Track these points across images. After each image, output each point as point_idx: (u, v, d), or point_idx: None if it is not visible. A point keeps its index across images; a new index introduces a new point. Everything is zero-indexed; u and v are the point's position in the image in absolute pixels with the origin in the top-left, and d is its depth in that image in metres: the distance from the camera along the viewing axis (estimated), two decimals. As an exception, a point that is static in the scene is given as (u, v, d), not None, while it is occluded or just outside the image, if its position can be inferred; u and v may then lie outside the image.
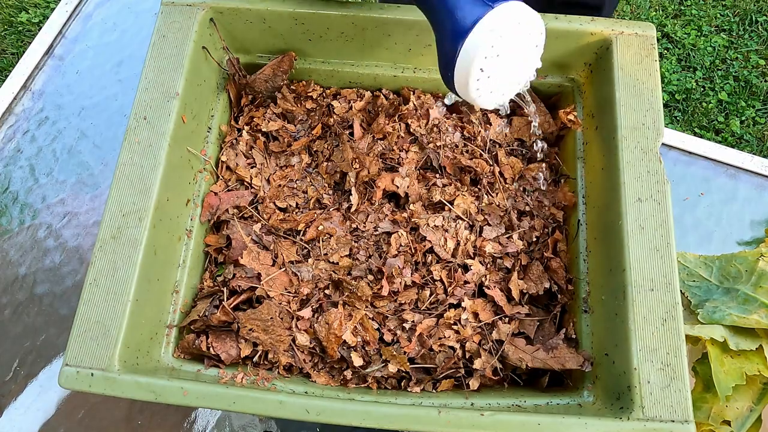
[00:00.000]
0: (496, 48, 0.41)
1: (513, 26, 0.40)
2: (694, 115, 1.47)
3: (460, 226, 0.55)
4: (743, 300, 0.58)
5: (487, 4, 0.40)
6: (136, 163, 0.49)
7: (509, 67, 0.43)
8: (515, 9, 0.40)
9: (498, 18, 0.40)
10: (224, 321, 0.51)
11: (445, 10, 0.42)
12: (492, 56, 0.41)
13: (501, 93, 0.45)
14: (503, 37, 0.40)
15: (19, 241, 0.70)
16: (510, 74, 0.44)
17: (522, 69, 0.45)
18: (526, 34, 0.42)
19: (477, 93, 0.44)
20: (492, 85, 0.44)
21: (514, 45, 0.42)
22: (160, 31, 0.54)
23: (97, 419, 0.62)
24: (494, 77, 0.43)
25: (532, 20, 0.42)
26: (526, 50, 0.43)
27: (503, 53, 0.41)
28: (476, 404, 0.46)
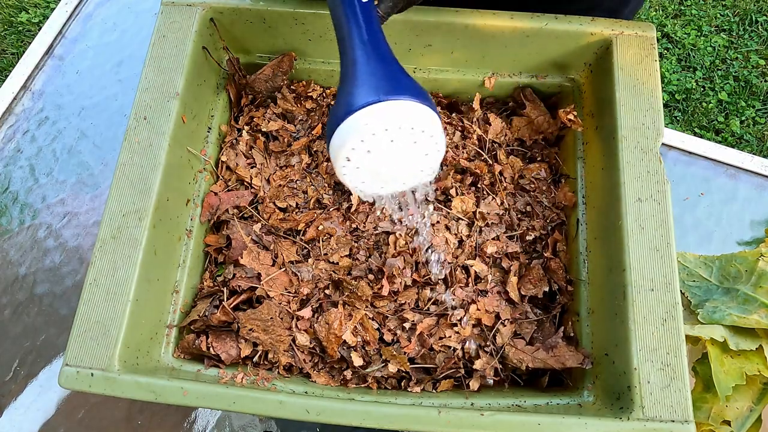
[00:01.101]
0: (367, 144, 0.37)
1: (392, 128, 0.36)
2: (694, 115, 1.47)
3: (461, 227, 0.55)
4: (743, 300, 0.58)
5: (378, 95, 0.36)
6: (136, 163, 0.49)
7: (385, 167, 0.39)
8: (404, 110, 0.36)
9: (377, 114, 0.36)
10: (224, 321, 0.51)
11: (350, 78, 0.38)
12: (362, 150, 0.37)
13: (379, 186, 0.41)
14: (376, 136, 0.36)
15: (19, 241, 0.70)
16: (388, 173, 0.40)
17: (406, 172, 0.40)
18: (410, 140, 0.37)
19: (345, 178, 0.40)
20: (363, 177, 0.40)
21: (391, 147, 0.37)
22: (160, 31, 0.54)
23: (97, 419, 0.62)
24: (364, 171, 0.39)
25: (424, 127, 0.37)
26: (409, 156, 0.38)
27: (375, 151, 0.37)
28: (476, 404, 0.47)
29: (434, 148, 0.39)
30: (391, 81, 0.37)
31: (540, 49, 0.56)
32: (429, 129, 0.37)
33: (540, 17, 0.54)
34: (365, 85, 0.37)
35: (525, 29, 0.54)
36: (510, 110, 0.62)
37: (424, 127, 0.37)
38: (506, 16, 0.54)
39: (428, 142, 0.38)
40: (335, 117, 0.38)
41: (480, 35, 0.55)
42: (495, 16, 0.54)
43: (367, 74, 0.38)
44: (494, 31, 0.55)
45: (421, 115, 0.37)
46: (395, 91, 0.37)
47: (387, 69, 0.38)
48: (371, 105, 0.36)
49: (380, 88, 0.37)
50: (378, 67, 0.38)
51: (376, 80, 0.37)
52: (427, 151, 0.39)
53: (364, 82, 0.37)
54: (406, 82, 0.38)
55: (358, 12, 0.39)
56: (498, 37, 0.56)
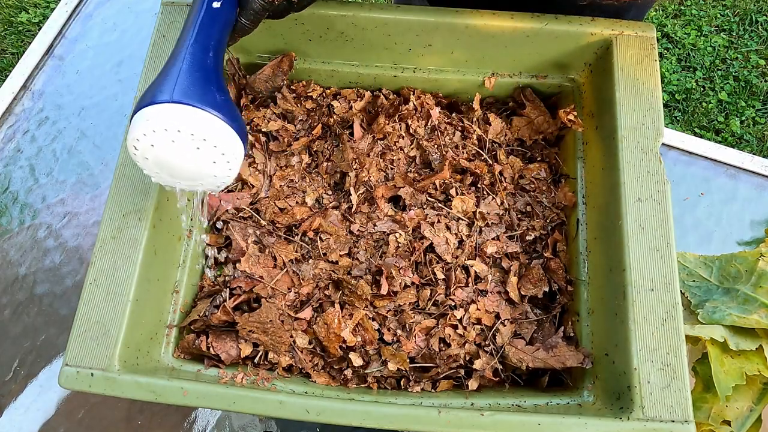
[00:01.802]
0: (149, 138, 0.38)
1: (171, 129, 0.38)
2: (694, 115, 1.47)
3: (461, 227, 0.55)
4: (743, 300, 0.58)
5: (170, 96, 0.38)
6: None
7: (172, 164, 0.40)
8: (185, 116, 0.38)
9: (158, 113, 0.38)
10: (224, 321, 0.51)
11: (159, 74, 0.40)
12: (145, 143, 0.39)
13: (173, 180, 0.43)
14: (156, 133, 0.38)
15: (19, 241, 0.70)
16: (177, 170, 0.41)
17: (197, 174, 0.41)
18: (192, 146, 0.39)
19: (139, 164, 0.41)
20: (155, 168, 0.41)
21: (173, 147, 0.39)
22: (160, 31, 0.54)
23: (97, 419, 0.62)
24: (153, 162, 0.40)
25: (207, 137, 0.39)
26: (195, 160, 0.40)
27: (158, 147, 0.39)
28: (476, 404, 0.47)
29: (222, 158, 0.40)
30: (192, 86, 0.39)
31: (540, 49, 0.56)
32: (213, 139, 0.39)
33: (540, 17, 0.54)
34: (165, 83, 0.39)
35: (525, 29, 0.54)
36: (510, 110, 0.62)
37: (206, 136, 0.39)
38: (506, 16, 0.54)
39: (212, 152, 0.40)
40: (136, 106, 0.40)
41: (480, 35, 0.55)
42: (495, 16, 0.54)
43: (173, 73, 0.39)
44: (494, 31, 0.55)
45: (205, 124, 0.38)
46: (188, 96, 0.38)
47: (196, 75, 0.40)
48: (158, 104, 0.38)
49: (176, 90, 0.38)
50: (187, 71, 0.39)
51: (176, 82, 0.39)
52: (214, 160, 0.40)
53: (166, 79, 0.39)
54: (208, 93, 0.39)
55: (202, 14, 0.41)
56: (498, 37, 0.56)
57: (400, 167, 0.59)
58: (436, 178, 0.56)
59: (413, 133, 0.60)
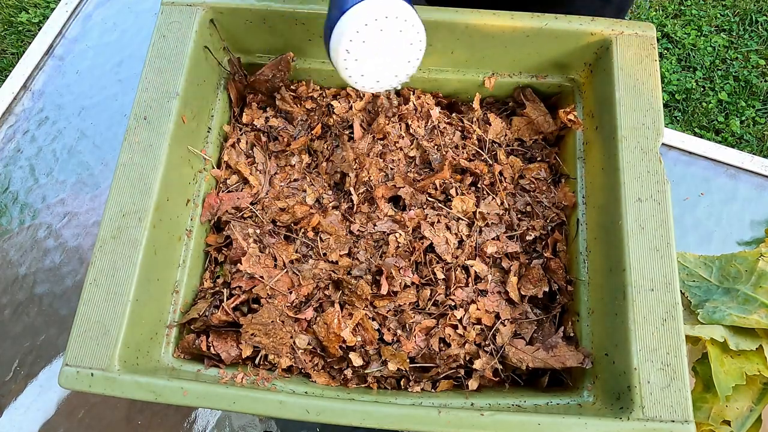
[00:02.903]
0: (362, 34, 0.44)
1: (380, 18, 0.44)
2: (694, 115, 1.47)
3: (461, 227, 0.55)
4: (743, 300, 0.58)
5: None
6: (136, 163, 0.49)
7: (379, 57, 0.46)
8: (386, 3, 0.43)
9: (367, 7, 0.43)
10: (224, 321, 0.51)
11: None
12: (357, 41, 0.44)
13: (375, 80, 0.48)
14: (368, 26, 0.44)
15: (19, 241, 0.70)
16: (381, 64, 0.47)
17: (396, 62, 0.47)
18: (395, 30, 0.45)
19: (347, 72, 0.47)
20: (361, 69, 0.47)
21: (381, 36, 0.45)
22: (160, 31, 0.54)
23: (97, 419, 0.62)
24: (362, 62, 0.46)
25: (404, 17, 0.44)
26: (398, 44, 0.46)
27: (369, 41, 0.45)
28: (476, 404, 0.47)
29: (416, 37, 0.46)
30: None
31: (540, 49, 0.56)
32: (410, 18, 0.45)
33: (540, 17, 0.54)
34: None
35: (525, 29, 0.54)
36: (510, 110, 0.62)
37: (406, 16, 0.44)
38: (506, 16, 0.54)
39: (410, 31, 0.46)
40: (331, 19, 0.45)
41: (480, 35, 0.55)
42: (495, 16, 0.54)
43: None
44: (494, 31, 0.55)
45: (401, 6, 0.44)
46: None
47: None
48: (361, 2, 0.44)
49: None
50: None
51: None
52: (411, 40, 0.46)
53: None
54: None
55: None
56: (498, 37, 0.56)
57: (400, 167, 0.59)
58: (436, 178, 0.56)
59: (413, 133, 0.60)
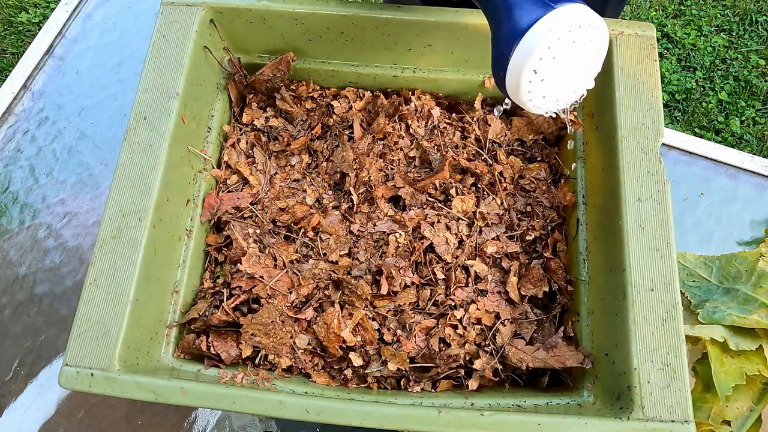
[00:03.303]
0: (553, 50, 0.39)
1: (573, 29, 0.38)
2: (694, 115, 1.47)
3: (461, 227, 0.55)
4: (743, 300, 0.58)
5: (548, 5, 0.38)
6: (136, 163, 0.49)
7: (566, 72, 0.41)
8: (577, 11, 0.38)
9: (558, 19, 0.38)
10: (224, 321, 0.51)
11: (504, 9, 0.40)
12: (548, 58, 0.39)
13: (555, 99, 0.43)
14: (561, 39, 0.38)
15: (19, 241, 0.70)
16: (566, 80, 0.42)
17: (580, 75, 0.42)
18: (587, 39, 0.39)
19: (528, 96, 0.42)
20: (545, 90, 0.41)
21: (572, 49, 0.39)
22: (160, 31, 0.54)
23: (97, 419, 0.62)
24: (548, 81, 0.41)
25: (596, 24, 0.39)
26: (585, 55, 0.41)
27: (560, 56, 0.39)
28: (476, 404, 0.47)
29: (603, 44, 0.41)
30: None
31: (540, 49, 0.56)
32: (597, 22, 0.39)
33: (540, 17, 0.54)
34: (529, 3, 0.39)
35: (525, 29, 0.54)
36: (510, 110, 0.62)
37: (597, 22, 0.39)
38: (506, 16, 0.54)
39: (599, 38, 0.40)
40: (509, 39, 0.39)
41: (480, 35, 0.55)
42: (495, 16, 0.54)
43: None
44: (494, 31, 0.55)
45: (589, 12, 0.39)
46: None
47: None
48: (548, 14, 0.38)
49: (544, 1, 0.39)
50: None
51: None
52: (598, 49, 0.41)
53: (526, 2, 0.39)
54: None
55: None
56: (498, 37, 0.55)
57: (400, 167, 0.59)
58: (436, 178, 0.56)
59: (413, 133, 0.60)
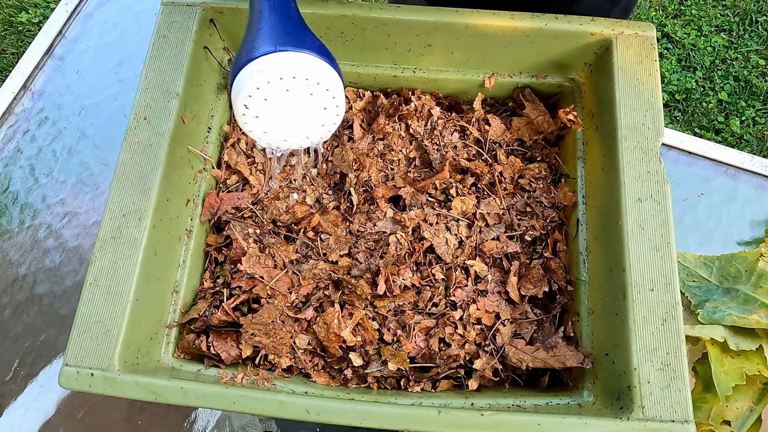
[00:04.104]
0: (263, 92, 0.38)
1: (285, 77, 0.38)
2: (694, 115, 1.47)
3: (461, 227, 0.55)
4: (743, 300, 0.58)
5: (275, 45, 0.38)
6: (136, 163, 0.49)
7: (284, 117, 0.41)
8: (298, 61, 0.38)
9: (271, 62, 0.38)
10: (224, 321, 0.51)
11: (251, 31, 0.40)
12: (258, 98, 0.39)
13: (281, 139, 0.43)
14: (271, 84, 0.38)
15: (19, 241, 0.70)
16: (287, 124, 0.41)
17: (307, 125, 0.42)
18: (306, 92, 0.39)
19: (247, 127, 0.41)
20: (263, 126, 0.41)
21: (287, 97, 0.39)
22: (160, 31, 0.54)
23: (97, 419, 0.62)
24: (264, 120, 0.40)
25: (319, 80, 0.39)
26: (307, 107, 0.40)
27: (272, 100, 0.39)
28: (476, 404, 0.47)
29: (332, 102, 0.41)
30: (290, 35, 0.39)
31: (540, 49, 0.56)
32: (324, 82, 0.39)
33: (540, 17, 0.54)
34: (265, 36, 0.39)
35: (525, 29, 0.54)
36: (510, 110, 0.62)
37: (319, 79, 0.39)
38: (506, 16, 0.54)
39: (325, 96, 0.40)
40: (236, 66, 0.39)
41: (480, 35, 0.55)
42: (495, 16, 0.54)
43: (268, 27, 0.39)
44: (494, 31, 0.55)
45: (316, 68, 0.39)
46: (292, 43, 0.39)
47: (288, 24, 0.40)
48: (268, 54, 0.38)
49: (278, 39, 0.39)
50: (279, 21, 0.40)
51: (276, 33, 0.39)
52: (325, 105, 0.41)
53: (264, 33, 0.39)
54: (306, 38, 0.40)
55: None
56: (498, 37, 0.56)
57: (400, 167, 0.59)
58: (436, 179, 0.56)
59: (413, 133, 0.60)
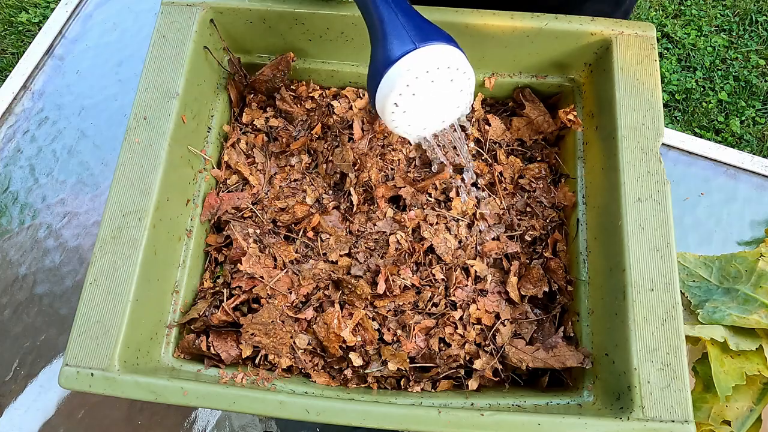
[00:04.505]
0: (412, 87, 0.41)
1: (431, 69, 0.41)
2: (694, 115, 1.47)
3: (460, 228, 0.55)
4: (743, 300, 0.58)
5: (413, 43, 0.41)
6: (136, 163, 0.49)
7: (428, 107, 0.44)
8: (439, 52, 0.41)
9: (417, 59, 0.40)
10: (224, 321, 0.51)
11: (381, 34, 0.42)
12: (407, 94, 0.42)
13: (422, 127, 0.46)
14: (420, 79, 0.41)
15: (19, 241, 0.70)
16: (430, 113, 0.45)
17: (445, 109, 0.45)
18: (447, 79, 0.42)
19: (393, 124, 0.45)
20: (409, 120, 0.44)
21: (432, 87, 0.42)
22: (160, 31, 0.54)
23: (97, 419, 0.62)
24: (411, 113, 0.44)
25: (456, 66, 0.42)
26: (448, 93, 0.43)
27: (420, 93, 0.42)
28: (476, 404, 0.47)
29: (467, 84, 0.44)
30: (420, 31, 0.42)
31: (540, 49, 0.56)
32: (462, 66, 0.42)
33: (540, 17, 0.54)
34: (398, 37, 0.41)
35: (525, 29, 0.54)
36: (510, 110, 0.62)
37: (458, 64, 0.42)
38: (506, 16, 0.54)
39: (462, 78, 0.43)
40: (377, 71, 0.42)
41: (480, 35, 0.55)
42: (495, 16, 0.54)
43: (397, 28, 0.42)
44: (494, 31, 0.55)
45: (453, 55, 0.41)
46: (427, 38, 0.41)
47: (413, 21, 0.42)
48: (410, 53, 0.41)
49: (414, 37, 0.41)
50: (405, 21, 0.42)
51: (407, 32, 0.42)
52: (462, 87, 0.44)
53: (396, 35, 0.42)
54: (433, 30, 0.42)
55: None
56: (498, 37, 0.56)
57: (400, 167, 0.59)
58: (436, 179, 0.56)
59: (413, 133, 0.60)
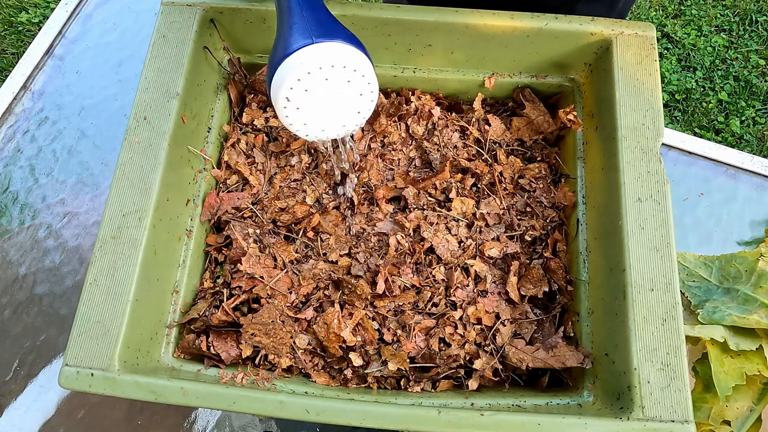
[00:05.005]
0: (304, 83, 0.40)
1: (325, 67, 0.40)
2: (694, 115, 1.47)
3: (461, 228, 0.55)
4: (743, 300, 0.58)
5: (311, 38, 0.40)
6: (136, 163, 0.49)
7: (325, 107, 0.42)
8: (336, 50, 0.40)
9: (312, 54, 0.39)
10: (224, 321, 0.51)
11: (284, 27, 0.42)
12: (299, 89, 0.41)
13: (320, 129, 0.44)
14: (312, 74, 0.40)
15: (19, 241, 0.70)
16: (327, 114, 0.43)
17: (345, 113, 0.44)
18: (344, 79, 0.41)
19: (287, 120, 0.43)
20: (304, 118, 0.43)
21: (327, 86, 0.41)
22: (160, 31, 0.54)
23: (97, 419, 0.62)
24: (305, 111, 0.42)
25: (355, 66, 0.40)
26: (346, 95, 0.42)
27: (313, 90, 0.41)
28: (476, 404, 0.47)
29: (367, 88, 0.42)
30: (322, 26, 0.41)
31: (540, 49, 0.57)
32: (360, 68, 0.41)
33: (540, 17, 0.54)
34: (300, 30, 0.41)
35: (525, 29, 0.54)
36: (510, 110, 0.62)
37: (356, 66, 0.40)
38: (506, 16, 0.54)
39: (360, 82, 0.42)
40: (273, 61, 0.41)
41: (480, 35, 0.55)
42: (495, 16, 0.54)
43: (301, 21, 0.41)
44: (494, 31, 0.55)
45: (352, 55, 0.40)
46: (327, 34, 0.40)
47: (317, 16, 0.42)
48: (305, 47, 0.40)
49: (313, 32, 0.40)
50: (309, 15, 0.41)
51: (309, 26, 0.41)
52: (361, 91, 0.42)
53: (298, 27, 0.41)
54: (337, 28, 0.42)
55: None
56: (498, 37, 0.56)
57: (400, 168, 0.59)
58: (436, 179, 0.56)
59: (413, 133, 0.60)
